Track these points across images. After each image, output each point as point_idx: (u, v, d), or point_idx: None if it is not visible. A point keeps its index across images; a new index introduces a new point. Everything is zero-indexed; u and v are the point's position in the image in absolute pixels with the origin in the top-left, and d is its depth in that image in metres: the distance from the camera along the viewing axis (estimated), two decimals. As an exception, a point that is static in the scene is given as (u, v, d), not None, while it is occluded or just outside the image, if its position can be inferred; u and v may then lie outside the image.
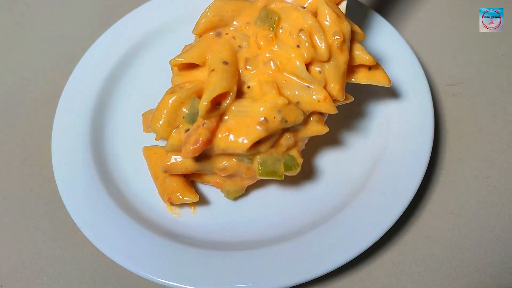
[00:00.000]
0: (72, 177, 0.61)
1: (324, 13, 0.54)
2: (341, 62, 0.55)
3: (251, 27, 0.57)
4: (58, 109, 0.67)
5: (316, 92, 0.53)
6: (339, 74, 0.54)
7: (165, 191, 0.60)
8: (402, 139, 0.62)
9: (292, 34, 0.54)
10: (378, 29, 0.71)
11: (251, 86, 0.54)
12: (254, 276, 0.53)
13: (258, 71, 0.54)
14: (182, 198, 0.59)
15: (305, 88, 0.53)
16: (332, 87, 0.54)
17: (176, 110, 0.55)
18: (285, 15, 0.56)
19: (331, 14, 0.54)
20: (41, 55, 0.81)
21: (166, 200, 0.60)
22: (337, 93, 0.54)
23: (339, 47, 0.54)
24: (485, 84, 0.73)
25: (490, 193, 0.63)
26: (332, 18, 0.54)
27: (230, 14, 0.58)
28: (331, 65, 0.54)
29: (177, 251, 0.56)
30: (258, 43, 0.55)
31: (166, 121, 0.55)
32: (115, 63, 0.72)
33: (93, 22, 0.83)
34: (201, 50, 0.57)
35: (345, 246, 0.54)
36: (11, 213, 0.65)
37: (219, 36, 0.58)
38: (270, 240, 0.58)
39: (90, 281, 0.60)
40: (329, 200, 0.61)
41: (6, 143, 0.72)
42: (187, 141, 0.52)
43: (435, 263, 0.59)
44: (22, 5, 0.88)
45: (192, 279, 0.53)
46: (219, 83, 0.52)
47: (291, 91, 0.53)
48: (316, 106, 0.53)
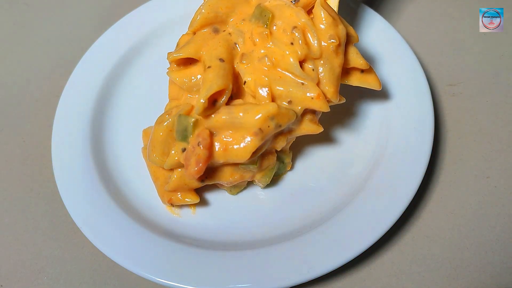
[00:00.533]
0: (72, 177, 0.61)
1: (320, 16, 0.54)
2: (336, 65, 0.55)
3: (246, 24, 0.57)
4: (58, 109, 0.67)
5: (309, 90, 0.53)
6: (334, 76, 0.55)
7: (165, 192, 0.60)
8: (402, 139, 0.62)
9: (286, 31, 0.54)
10: (378, 29, 0.71)
11: (247, 82, 0.54)
12: (254, 276, 0.53)
13: (253, 67, 0.55)
14: (183, 199, 0.59)
15: (298, 85, 0.53)
16: (327, 89, 0.54)
17: (167, 138, 0.56)
18: (278, 12, 0.56)
19: (327, 18, 0.54)
20: (41, 55, 0.81)
21: (166, 201, 0.60)
22: (332, 95, 0.55)
23: (334, 50, 0.54)
24: (485, 84, 0.73)
25: (490, 193, 0.63)
26: (328, 22, 0.54)
27: (224, 11, 0.59)
28: (326, 67, 0.54)
29: (177, 251, 0.56)
30: (253, 39, 0.56)
31: (160, 151, 0.57)
32: (115, 63, 0.72)
33: (93, 22, 0.83)
34: (198, 45, 0.57)
35: (345, 246, 0.54)
36: (11, 213, 0.65)
37: (216, 32, 0.59)
38: (270, 240, 0.57)
39: (90, 281, 0.60)
40: (329, 200, 0.61)
41: (6, 143, 0.72)
42: (188, 164, 0.53)
43: (435, 263, 0.59)
44: (22, 5, 0.88)
45: (192, 279, 0.53)
46: (215, 81, 0.52)
47: (285, 88, 0.53)
48: (309, 103, 0.53)
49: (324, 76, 0.54)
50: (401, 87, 0.66)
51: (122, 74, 0.72)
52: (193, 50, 0.57)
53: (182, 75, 0.58)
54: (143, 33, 0.75)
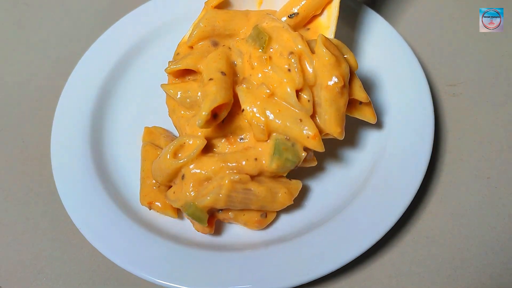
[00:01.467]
0: (71, 177, 0.61)
1: (323, 54, 0.53)
2: (341, 104, 0.54)
3: (243, 43, 0.57)
4: (57, 109, 0.67)
5: (307, 128, 0.53)
6: (339, 116, 0.54)
7: (149, 194, 0.60)
8: (402, 139, 0.61)
9: (283, 55, 0.54)
10: (378, 29, 0.71)
11: (245, 110, 0.54)
12: (255, 277, 0.53)
13: (252, 94, 0.54)
14: (162, 211, 0.59)
15: (296, 122, 0.53)
16: (333, 129, 0.54)
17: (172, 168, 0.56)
18: (276, 35, 0.55)
19: (330, 57, 0.52)
20: (41, 55, 0.81)
21: (146, 203, 0.59)
22: (338, 135, 0.55)
23: (339, 91, 0.53)
24: (486, 84, 0.73)
25: (491, 193, 0.63)
26: (331, 62, 0.52)
27: (222, 24, 0.59)
28: (332, 108, 0.53)
29: (176, 252, 0.56)
30: (251, 63, 0.56)
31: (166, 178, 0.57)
32: (115, 63, 0.72)
33: (93, 22, 0.83)
34: (196, 57, 0.58)
35: (345, 247, 0.54)
36: (10, 213, 0.65)
37: (215, 45, 0.59)
38: (270, 241, 0.57)
39: (89, 281, 0.60)
40: (329, 200, 0.61)
41: (6, 143, 0.71)
42: (197, 229, 0.57)
43: (435, 264, 0.58)
44: (22, 5, 0.88)
45: (192, 280, 0.53)
46: (219, 93, 0.52)
47: (283, 122, 0.53)
48: (304, 141, 0.53)
49: (330, 116, 0.54)
50: (401, 87, 0.66)
51: (122, 74, 0.72)
52: (192, 62, 0.57)
53: (177, 88, 0.58)
54: (143, 33, 0.74)
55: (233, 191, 0.53)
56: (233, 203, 0.54)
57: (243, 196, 0.54)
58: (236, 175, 0.53)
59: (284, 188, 0.56)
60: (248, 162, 0.54)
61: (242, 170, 0.54)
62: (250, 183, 0.54)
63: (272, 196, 0.55)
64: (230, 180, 0.53)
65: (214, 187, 0.53)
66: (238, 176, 0.53)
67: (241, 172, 0.54)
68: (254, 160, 0.54)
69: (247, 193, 0.54)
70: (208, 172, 0.54)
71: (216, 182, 0.53)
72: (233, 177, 0.53)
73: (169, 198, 0.57)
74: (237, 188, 0.53)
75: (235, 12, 0.61)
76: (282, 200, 0.56)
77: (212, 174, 0.54)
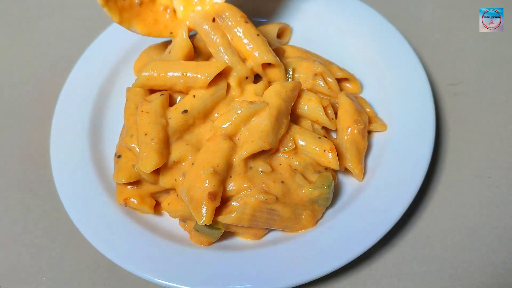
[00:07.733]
0: (71, 177, 0.61)
1: (346, 103, 0.62)
2: (361, 147, 0.61)
3: None
4: (56, 109, 0.67)
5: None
6: (359, 158, 0.60)
7: (123, 192, 0.59)
8: (403, 139, 0.61)
9: (308, 80, 0.64)
10: (379, 28, 0.71)
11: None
12: (255, 277, 0.53)
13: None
14: (138, 206, 0.58)
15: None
16: (356, 172, 0.59)
17: None
18: (296, 65, 0.65)
19: (351, 105, 0.62)
20: (41, 55, 0.81)
21: (121, 200, 0.59)
22: (358, 176, 0.60)
23: (360, 132, 0.60)
24: (486, 83, 0.73)
25: (492, 193, 0.63)
26: (352, 108, 0.62)
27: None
28: (353, 150, 0.59)
29: (176, 251, 0.56)
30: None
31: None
32: (114, 62, 0.72)
33: (92, 22, 0.83)
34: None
35: (346, 246, 0.54)
36: (10, 213, 0.65)
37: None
38: (270, 241, 0.57)
39: (89, 281, 0.60)
40: (329, 200, 0.61)
41: (6, 143, 0.71)
42: (196, 241, 0.57)
43: (436, 263, 0.58)
44: (22, 5, 0.88)
45: (192, 280, 0.53)
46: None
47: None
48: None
49: (351, 157, 0.59)
50: (402, 87, 0.66)
51: (121, 74, 0.72)
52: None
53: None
54: (143, 33, 0.74)
55: (258, 210, 0.54)
56: (257, 223, 0.55)
57: (267, 217, 0.54)
58: (263, 194, 0.54)
59: (308, 210, 0.56)
60: (275, 184, 0.56)
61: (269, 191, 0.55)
62: (276, 204, 0.54)
63: (296, 218, 0.56)
64: (256, 199, 0.53)
65: (239, 205, 0.54)
66: (264, 196, 0.54)
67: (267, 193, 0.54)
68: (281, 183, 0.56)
69: (272, 213, 0.54)
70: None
71: (241, 200, 0.54)
72: (258, 196, 0.53)
73: (164, 208, 0.59)
74: (262, 208, 0.54)
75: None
76: (306, 223, 0.56)
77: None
